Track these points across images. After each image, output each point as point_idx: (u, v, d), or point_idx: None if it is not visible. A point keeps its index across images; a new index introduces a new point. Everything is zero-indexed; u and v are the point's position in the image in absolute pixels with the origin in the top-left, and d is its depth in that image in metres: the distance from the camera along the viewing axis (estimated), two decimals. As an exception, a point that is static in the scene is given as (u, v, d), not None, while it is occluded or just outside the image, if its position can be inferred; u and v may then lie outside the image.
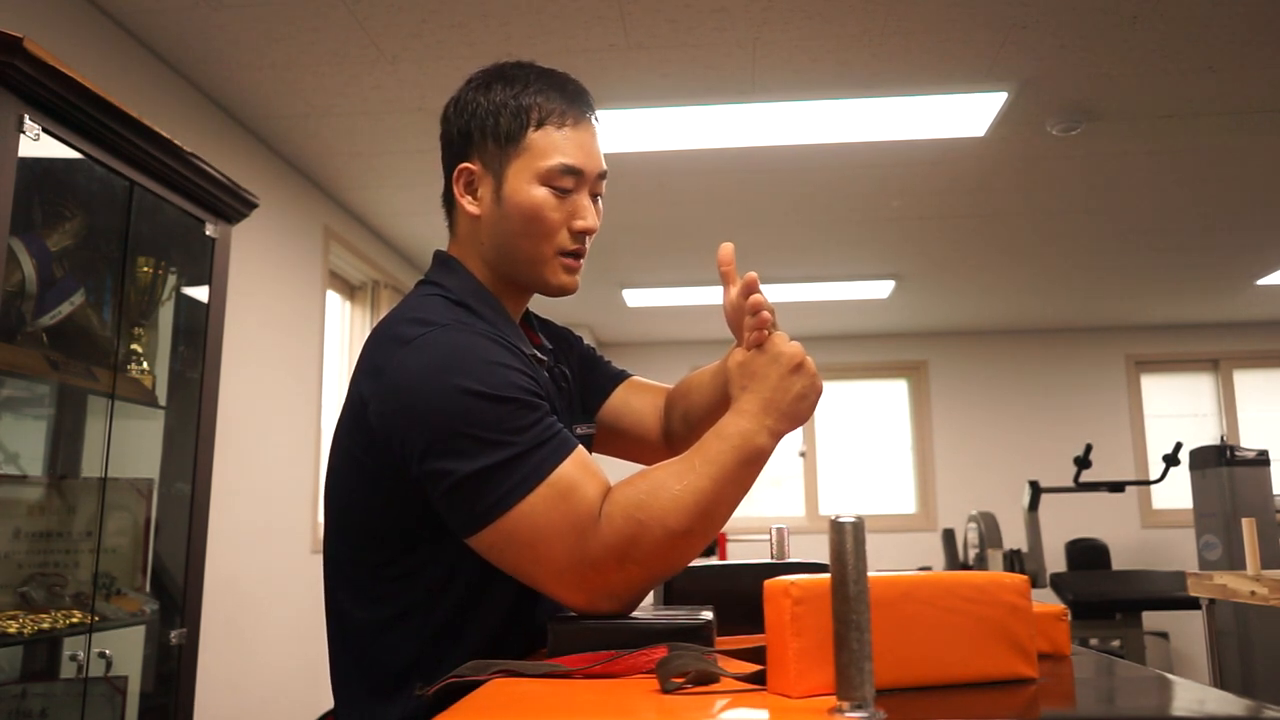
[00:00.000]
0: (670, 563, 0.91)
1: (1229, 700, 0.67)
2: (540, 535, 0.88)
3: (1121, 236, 4.44)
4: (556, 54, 2.64)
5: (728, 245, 1.05)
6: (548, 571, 0.89)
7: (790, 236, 4.41)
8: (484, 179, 1.07)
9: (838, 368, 6.65)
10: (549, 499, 0.88)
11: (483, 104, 1.07)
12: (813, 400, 0.97)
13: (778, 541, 1.24)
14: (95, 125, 1.80)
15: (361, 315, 4.41)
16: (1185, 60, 2.72)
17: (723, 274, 1.05)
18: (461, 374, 0.90)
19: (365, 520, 0.99)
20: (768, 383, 0.96)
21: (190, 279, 2.27)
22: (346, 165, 3.48)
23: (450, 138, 1.10)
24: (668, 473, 0.92)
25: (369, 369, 0.97)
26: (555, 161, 1.04)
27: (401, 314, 1.01)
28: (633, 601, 0.92)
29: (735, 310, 1.03)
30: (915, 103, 2.98)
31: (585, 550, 0.88)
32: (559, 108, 1.06)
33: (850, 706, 0.56)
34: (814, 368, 0.98)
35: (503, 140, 1.05)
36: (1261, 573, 2.65)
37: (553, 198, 1.05)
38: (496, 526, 0.89)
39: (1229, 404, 6.45)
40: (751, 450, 0.94)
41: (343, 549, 1.02)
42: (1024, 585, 0.75)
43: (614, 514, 0.89)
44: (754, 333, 0.98)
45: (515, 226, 1.05)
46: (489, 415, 0.89)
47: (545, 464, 0.89)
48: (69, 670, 1.89)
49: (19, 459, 1.94)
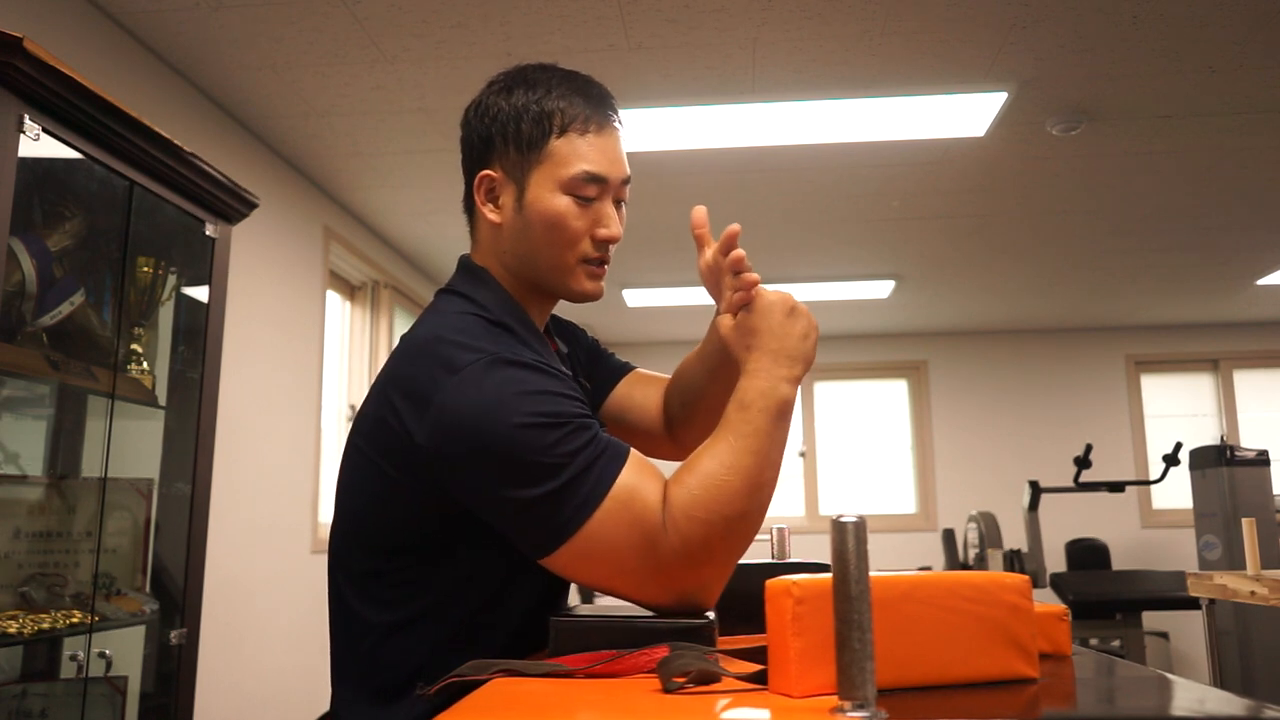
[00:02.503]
0: (742, 546, 0.92)
1: (1229, 700, 0.67)
2: (613, 548, 0.89)
3: (1122, 236, 4.44)
4: (556, 54, 2.64)
5: (700, 208, 1.05)
6: (629, 582, 0.90)
7: (790, 236, 4.41)
8: (506, 187, 1.05)
9: (838, 368, 6.65)
10: (614, 511, 0.88)
11: (504, 109, 1.05)
12: (814, 339, 0.99)
13: (778, 541, 1.24)
14: (95, 125, 1.80)
15: (361, 315, 4.41)
16: (1185, 60, 2.72)
17: (697, 237, 1.06)
18: (518, 410, 0.90)
19: (381, 526, 0.98)
20: (770, 334, 0.97)
21: (190, 279, 2.27)
22: (346, 165, 3.48)
23: (471, 143, 1.09)
24: (711, 460, 0.92)
25: (411, 392, 0.94)
26: (578, 169, 1.03)
27: (440, 332, 0.98)
28: (718, 590, 0.93)
29: (712, 270, 1.04)
30: (915, 103, 2.98)
31: (658, 557, 0.89)
32: (582, 113, 1.04)
33: (852, 706, 0.56)
34: (805, 308, 0.99)
35: (524, 147, 1.03)
36: (1261, 573, 2.65)
37: (575, 206, 1.03)
38: (570, 546, 0.89)
39: (1229, 404, 6.45)
40: (779, 405, 0.94)
41: (353, 553, 1.01)
42: (1025, 585, 0.75)
43: (677, 519, 0.89)
44: (738, 293, 0.99)
45: (537, 235, 1.04)
46: (549, 441, 0.89)
47: (606, 476, 0.89)
48: (69, 670, 1.89)
49: (19, 459, 1.94)
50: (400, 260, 4.63)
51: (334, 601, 1.03)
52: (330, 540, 1.05)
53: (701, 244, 1.06)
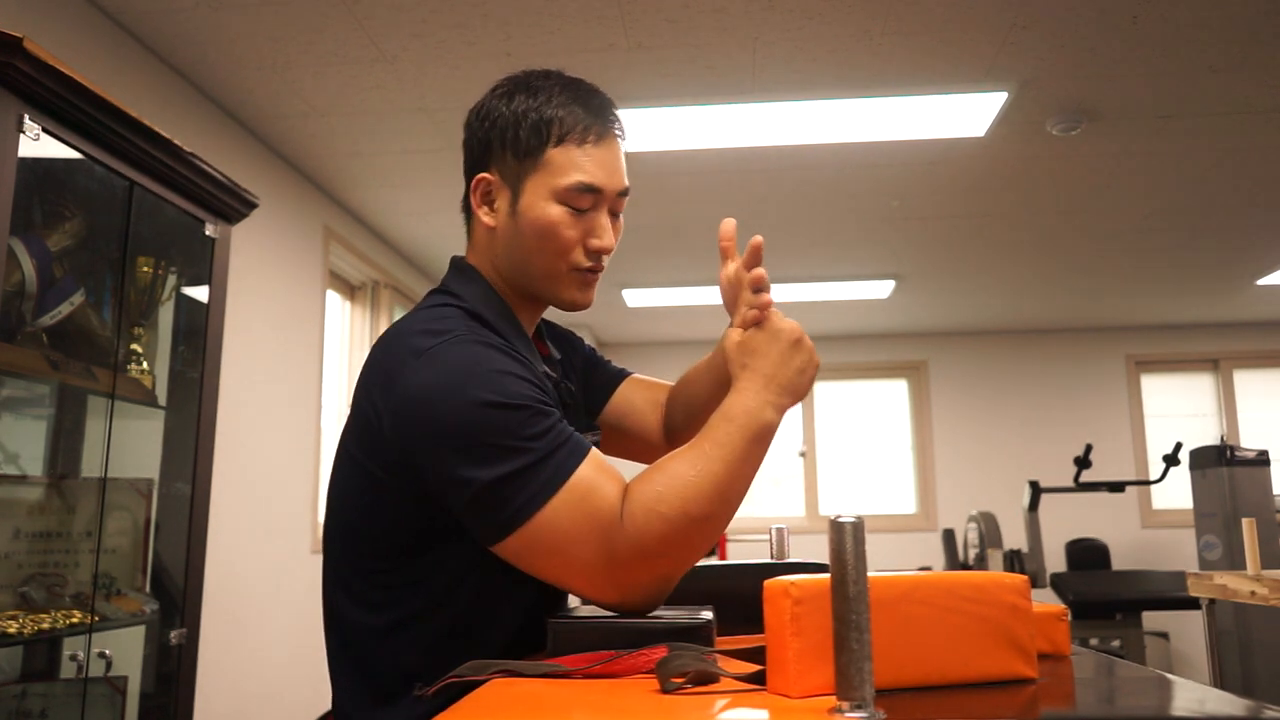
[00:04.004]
0: (697, 550, 0.92)
1: (1229, 700, 0.67)
2: (566, 539, 0.88)
3: (1122, 236, 4.44)
4: (557, 54, 2.64)
5: (729, 221, 1.05)
6: (577, 574, 0.90)
7: (790, 236, 4.41)
8: (501, 191, 1.06)
9: (838, 368, 6.65)
10: (570, 503, 0.88)
11: (504, 114, 1.05)
12: (811, 375, 0.99)
13: (777, 541, 1.24)
14: (95, 125, 1.80)
15: (361, 315, 4.41)
16: (1185, 60, 2.72)
17: (723, 249, 1.05)
18: (476, 385, 0.90)
19: (370, 528, 0.98)
20: (768, 359, 0.97)
21: (190, 279, 2.27)
22: (346, 165, 3.48)
23: (471, 146, 1.09)
24: (681, 462, 0.92)
25: (381, 380, 0.96)
26: (573, 180, 1.02)
27: (413, 324, 0.99)
28: (666, 592, 0.93)
29: (734, 284, 1.03)
30: (915, 103, 2.98)
31: (612, 550, 0.88)
32: (581, 123, 1.03)
33: (850, 707, 0.56)
34: (810, 343, 0.99)
35: (521, 154, 1.04)
36: (1261, 573, 2.66)
37: (569, 215, 1.03)
38: (521, 534, 0.89)
39: (1229, 404, 6.45)
40: (759, 427, 0.94)
41: (345, 555, 1.01)
42: (1024, 585, 0.75)
43: (635, 511, 0.89)
44: (753, 311, 0.99)
45: (529, 242, 1.04)
46: (505, 423, 0.89)
47: (563, 468, 0.89)
48: (69, 670, 1.89)
49: (19, 459, 1.94)
50: (400, 260, 4.63)
51: (328, 605, 1.03)
52: (324, 545, 1.06)
53: (726, 256, 1.05)
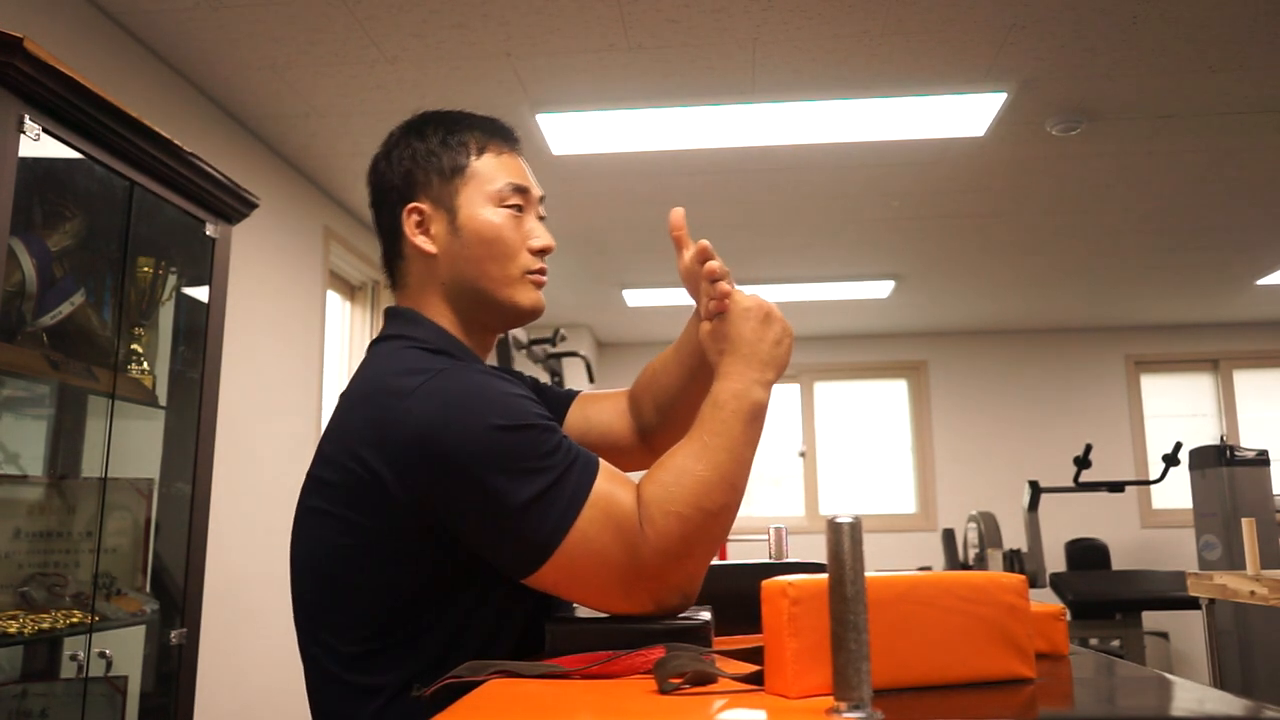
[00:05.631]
0: (716, 541, 0.93)
1: (1229, 700, 0.67)
2: (600, 555, 0.88)
3: (1121, 236, 4.44)
4: (556, 54, 2.65)
5: (678, 210, 1.07)
6: (614, 589, 0.89)
7: (790, 236, 4.41)
8: (435, 215, 1.06)
9: (838, 368, 6.65)
10: (596, 519, 0.88)
11: (419, 147, 1.08)
12: (788, 345, 1.00)
13: (776, 541, 1.24)
14: (95, 125, 1.80)
15: (361, 315, 4.41)
16: (1185, 60, 2.72)
17: (675, 239, 1.07)
18: (482, 411, 0.89)
19: (361, 592, 0.92)
20: (744, 340, 0.98)
21: (190, 279, 2.27)
22: (346, 165, 3.48)
23: (386, 190, 1.09)
24: (684, 457, 0.92)
25: (370, 435, 0.91)
26: (504, 181, 1.07)
27: (384, 373, 0.95)
28: (695, 591, 0.93)
29: (690, 274, 1.05)
30: (915, 103, 2.98)
31: (640, 562, 0.88)
32: (495, 137, 1.09)
33: (848, 707, 0.56)
34: (779, 313, 1.01)
35: (448, 173, 1.06)
36: (1261, 573, 2.66)
37: (509, 218, 1.06)
38: (558, 556, 0.87)
39: (1229, 404, 6.45)
40: (751, 407, 0.96)
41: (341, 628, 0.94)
42: (1021, 585, 0.75)
43: (653, 515, 0.89)
44: (713, 301, 1.01)
45: (477, 252, 1.05)
46: (521, 445, 0.88)
47: (583, 483, 0.89)
48: (69, 670, 1.89)
49: (19, 459, 1.94)
50: (400, 260, 4.63)
51: (318, 680, 0.97)
52: (298, 632, 0.99)
53: (680, 245, 1.07)
